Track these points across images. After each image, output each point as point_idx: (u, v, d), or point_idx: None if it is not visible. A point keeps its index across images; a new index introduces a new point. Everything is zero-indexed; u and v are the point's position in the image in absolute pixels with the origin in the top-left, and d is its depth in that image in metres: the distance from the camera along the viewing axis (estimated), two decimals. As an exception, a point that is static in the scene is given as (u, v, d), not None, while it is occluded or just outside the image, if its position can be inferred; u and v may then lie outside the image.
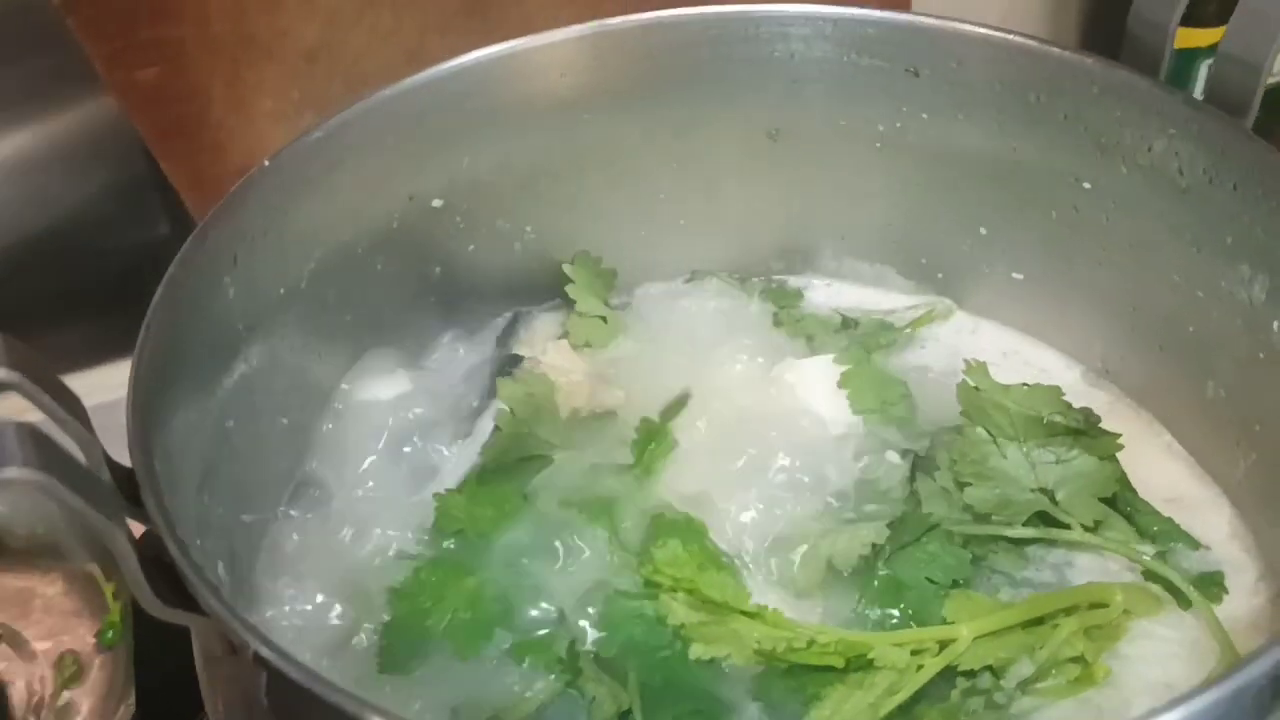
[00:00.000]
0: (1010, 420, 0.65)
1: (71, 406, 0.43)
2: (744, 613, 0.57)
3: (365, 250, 0.70)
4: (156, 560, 0.45)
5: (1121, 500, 0.67)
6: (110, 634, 0.84)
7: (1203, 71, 1.04)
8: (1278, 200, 0.59)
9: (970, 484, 0.65)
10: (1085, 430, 0.64)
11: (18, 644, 0.88)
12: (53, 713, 0.83)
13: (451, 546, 0.64)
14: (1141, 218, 0.68)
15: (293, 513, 0.69)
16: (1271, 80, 0.99)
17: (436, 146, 0.71)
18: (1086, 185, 0.69)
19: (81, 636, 0.87)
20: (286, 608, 0.63)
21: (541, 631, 0.61)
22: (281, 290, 0.65)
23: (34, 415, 0.42)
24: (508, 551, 0.63)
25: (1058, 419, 0.64)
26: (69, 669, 0.85)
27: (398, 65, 0.70)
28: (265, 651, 0.40)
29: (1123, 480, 0.66)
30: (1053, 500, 0.64)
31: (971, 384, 0.65)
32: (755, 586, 0.64)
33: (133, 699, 0.80)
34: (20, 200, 1.23)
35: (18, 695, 0.84)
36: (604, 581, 0.62)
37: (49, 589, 0.90)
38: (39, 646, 0.87)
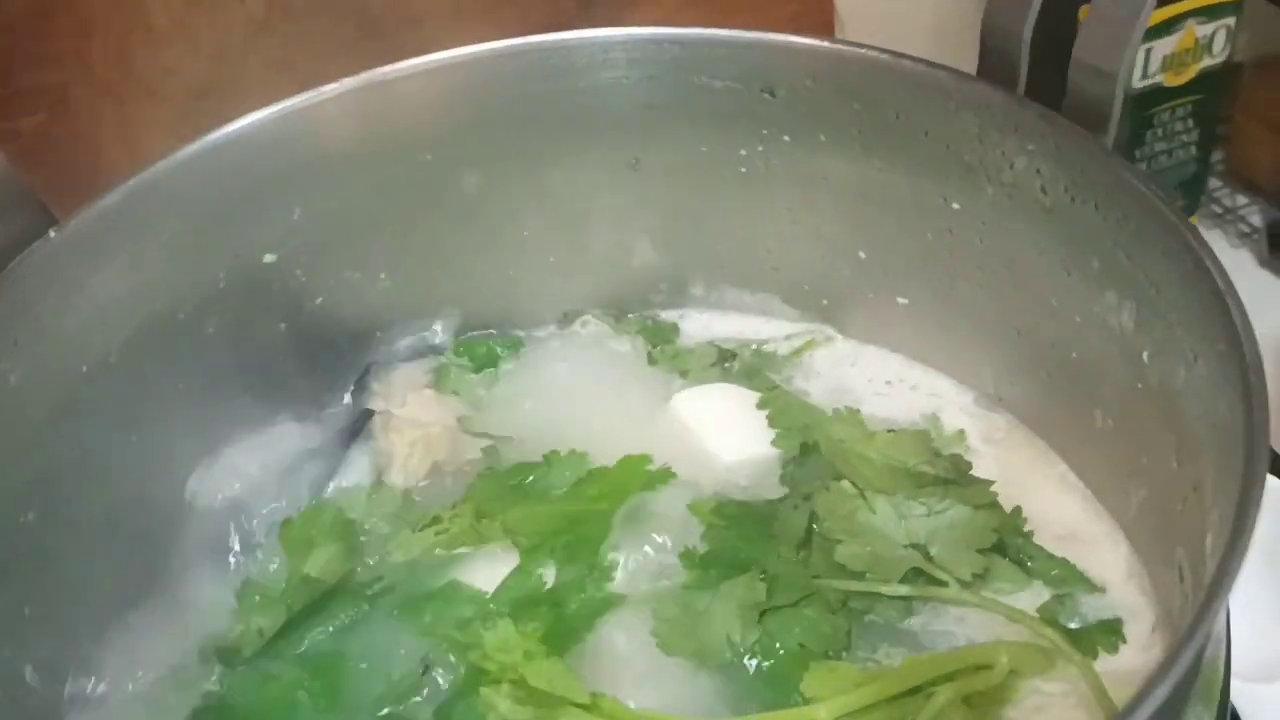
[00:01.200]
0: (876, 472, 0.60)
1: None
2: (576, 704, 0.52)
3: (189, 315, 0.65)
4: None
5: (1011, 547, 0.62)
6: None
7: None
8: (1138, 223, 0.54)
9: (841, 540, 0.61)
10: (956, 479, 0.59)
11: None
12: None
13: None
14: (1012, 239, 0.63)
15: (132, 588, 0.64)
16: (1214, 61, 0.97)
17: (258, 200, 0.66)
18: (955, 206, 0.65)
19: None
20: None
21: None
22: (84, 369, 0.60)
23: None
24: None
25: (925, 469, 0.59)
26: None
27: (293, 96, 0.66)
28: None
29: (1007, 525, 0.62)
30: (927, 556, 0.59)
31: (836, 437, 0.61)
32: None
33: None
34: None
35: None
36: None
37: None
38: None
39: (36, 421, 0.58)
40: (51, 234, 0.58)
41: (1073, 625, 0.60)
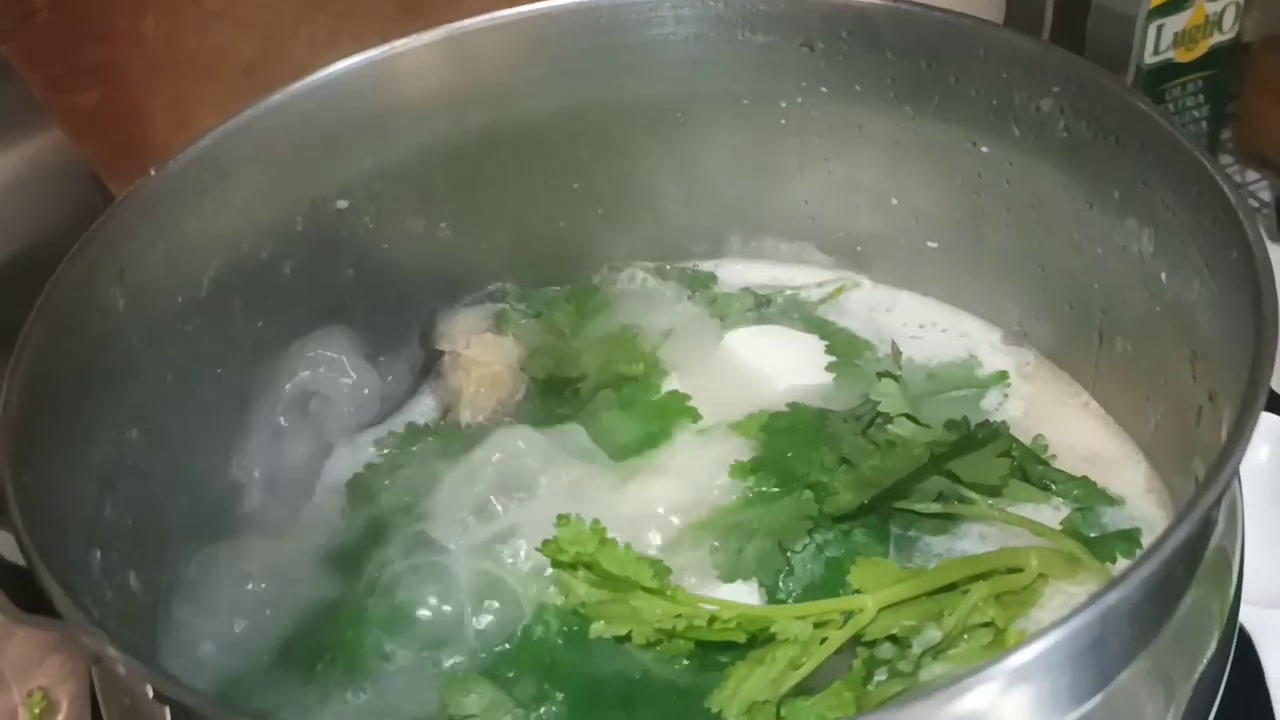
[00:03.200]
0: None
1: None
2: (645, 589, 0.57)
3: (270, 256, 0.70)
4: (17, 569, 0.45)
5: (1033, 473, 0.66)
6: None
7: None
8: (1156, 152, 0.58)
9: (880, 458, 0.65)
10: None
11: (-8, 676, 0.88)
12: (24, 748, 0.84)
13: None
14: (1037, 178, 0.68)
15: (213, 517, 0.69)
16: (1224, 38, 1.01)
17: (335, 149, 0.71)
18: (984, 149, 0.69)
19: (52, 671, 0.88)
20: (193, 633, 0.63)
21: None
22: (180, 300, 0.65)
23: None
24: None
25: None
26: (38, 705, 0.85)
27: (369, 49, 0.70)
28: (113, 652, 0.40)
29: (1027, 453, 0.66)
30: (956, 479, 0.64)
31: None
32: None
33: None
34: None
35: (-8, 729, 0.85)
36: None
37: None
38: (14, 680, 0.88)
39: (139, 345, 0.62)
40: (152, 171, 0.62)
41: (1093, 535, 0.65)
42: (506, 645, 0.61)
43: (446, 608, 0.62)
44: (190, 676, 0.57)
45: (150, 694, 0.41)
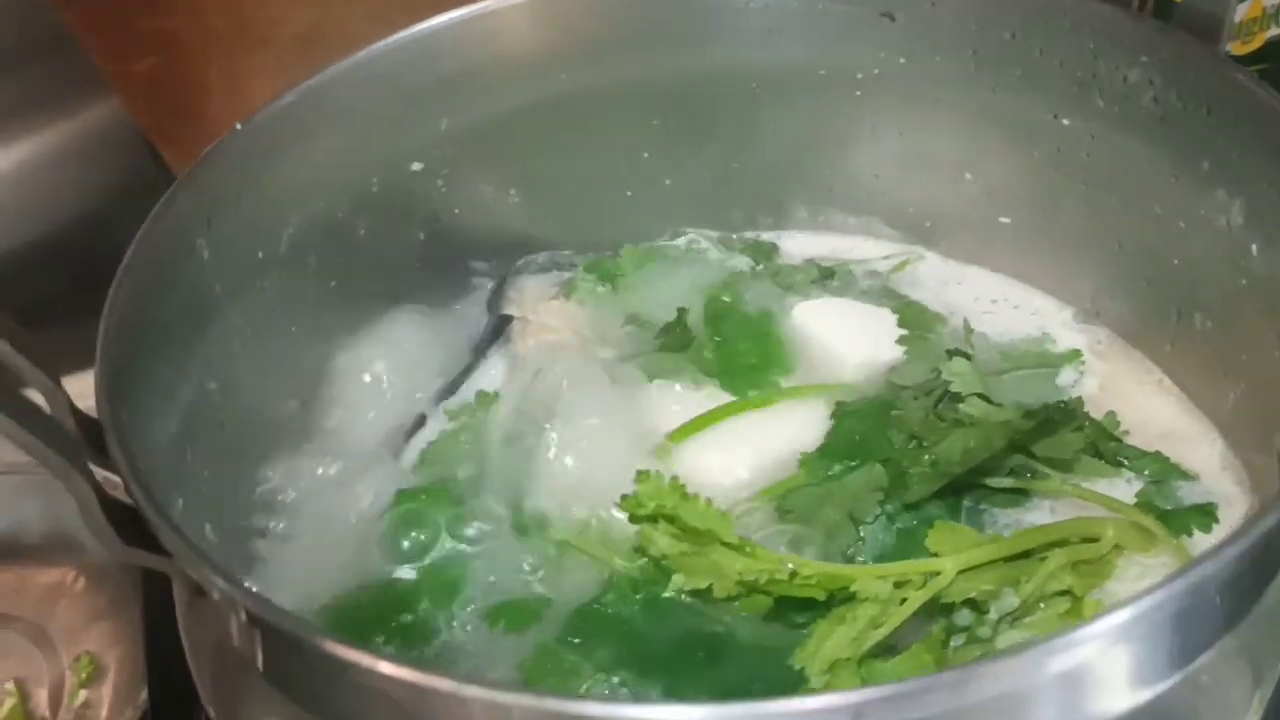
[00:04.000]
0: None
1: (30, 352, 0.44)
2: (726, 544, 0.56)
3: (346, 215, 0.71)
4: (122, 506, 0.45)
5: (1106, 450, 0.66)
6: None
7: None
8: (1249, 122, 0.58)
9: (952, 434, 0.65)
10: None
11: (42, 641, 0.89)
12: (70, 711, 0.84)
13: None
14: (1120, 151, 0.67)
15: (283, 473, 0.69)
16: None
17: (411, 110, 0.71)
18: (1065, 121, 0.69)
19: (100, 636, 0.88)
20: (276, 563, 0.63)
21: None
22: (260, 254, 0.65)
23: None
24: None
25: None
26: (85, 669, 0.86)
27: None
28: (223, 585, 0.41)
29: (1100, 430, 0.66)
30: (1030, 454, 0.64)
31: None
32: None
33: (145, 694, 0.81)
34: (27, 204, 1.24)
35: (40, 693, 0.85)
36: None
37: (75, 586, 0.91)
38: (61, 644, 0.88)
39: (221, 297, 0.63)
40: (238, 126, 0.63)
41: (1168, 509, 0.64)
42: (581, 611, 0.61)
43: (520, 576, 0.63)
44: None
45: (245, 618, 0.41)
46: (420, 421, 0.73)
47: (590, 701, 0.37)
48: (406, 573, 0.64)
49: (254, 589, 0.53)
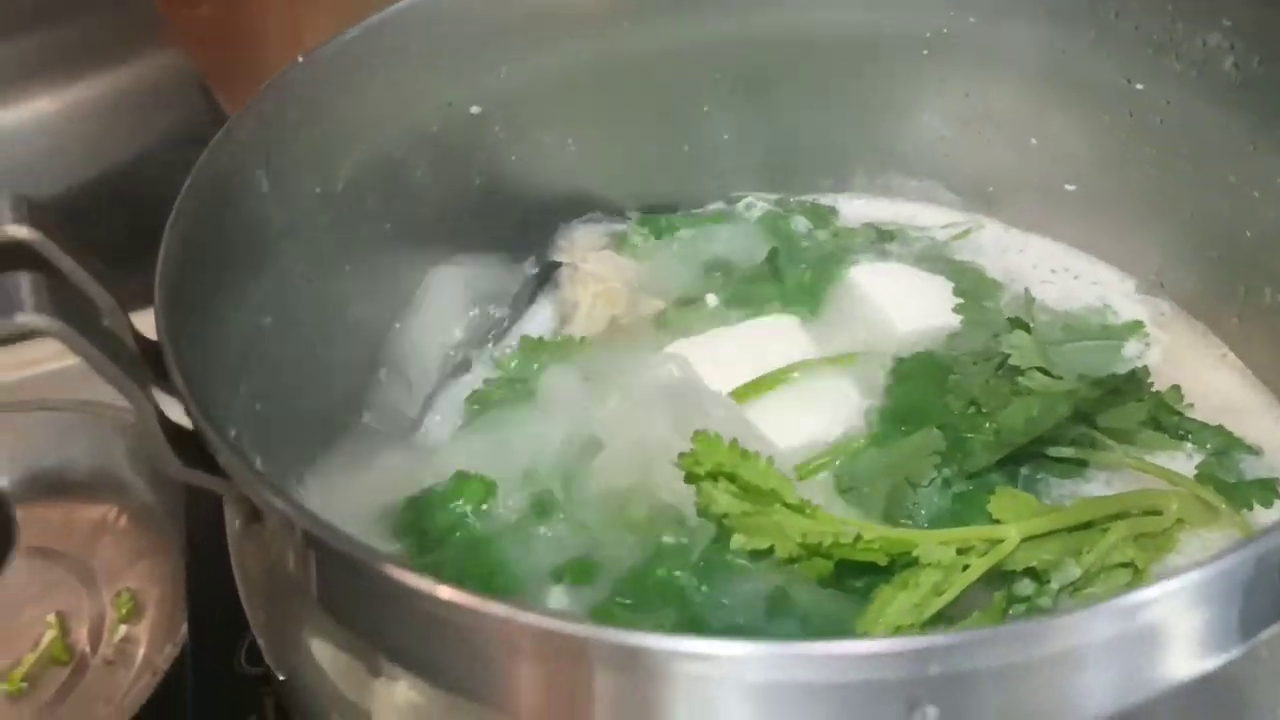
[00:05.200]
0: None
1: (95, 271, 0.43)
2: (788, 505, 0.55)
3: (404, 156, 0.70)
4: (181, 429, 0.45)
5: (1168, 424, 0.65)
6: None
7: None
8: (1337, 86, 0.56)
9: (1011, 402, 0.64)
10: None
11: (85, 577, 0.89)
12: (110, 646, 0.84)
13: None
14: (1196, 117, 0.66)
15: (334, 412, 0.69)
16: None
17: (474, 53, 0.70)
18: (1139, 86, 0.68)
19: (141, 574, 0.89)
20: (319, 503, 0.63)
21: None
22: (318, 190, 0.65)
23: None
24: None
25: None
26: (125, 605, 0.86)
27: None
28: (281, 505, 0.40)
29: (1161, 403, 0.65)
30: (1092, 425, 0.62)
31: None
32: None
33: (185, 630, 0.81)
34: (87, 147, 1.25)
35: (81, 627, 0.85)
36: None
37: (118, 524, 0.92)
38: (103, 580, 0.89)
39: (278, 232, 0.62)
40: (300, 59, 0.62)
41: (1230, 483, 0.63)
42: (632, 576, 0.60)
43: (574, 537, 0.62)
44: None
45: (301, 541, 0.41)
46: (466, 365, 0.73)
47: (654, 635, 0.36)
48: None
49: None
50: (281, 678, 0.53)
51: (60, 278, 0.42)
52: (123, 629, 0.86)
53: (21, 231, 0.41)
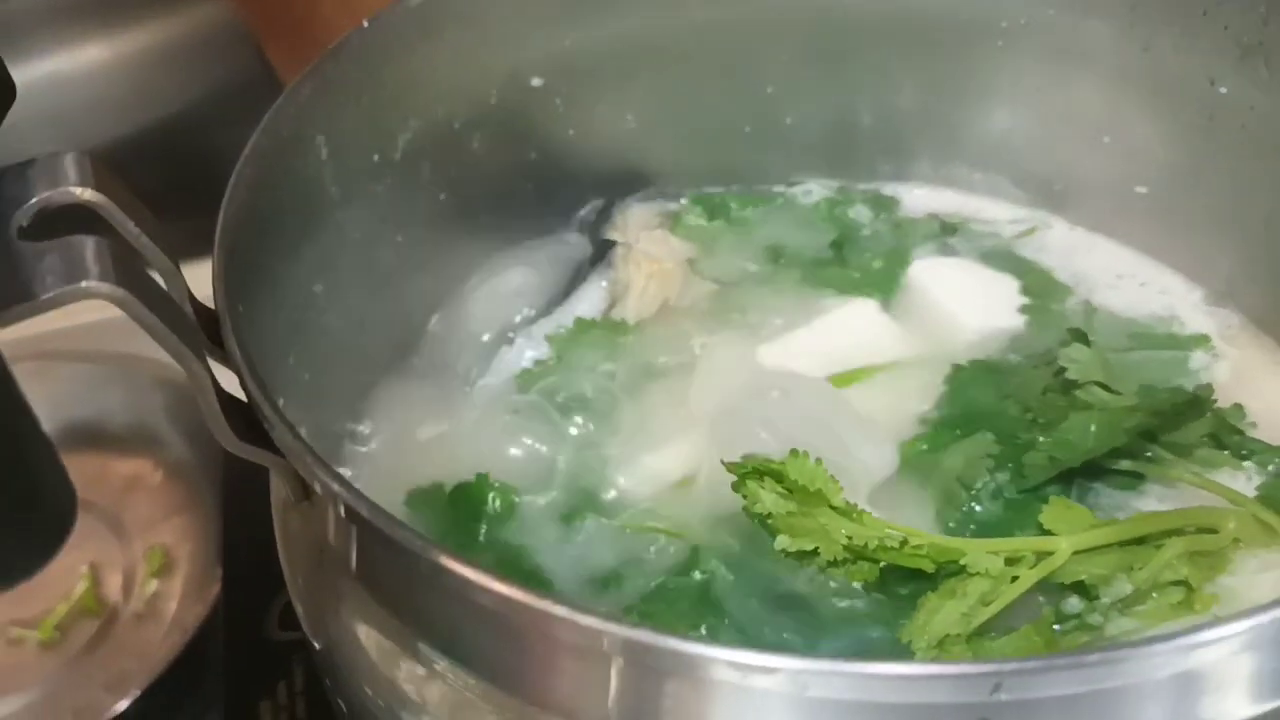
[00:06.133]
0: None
1: (157, 236, 0.42)
2: (834, 507, 0.54)
3: (462, 126, 0.69)
4: (235, 401, 0.44)
5: (1231, 444, 0.63)
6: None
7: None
8: None
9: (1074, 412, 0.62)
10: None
11: (118, 529, 0.90)
12: (142, 600, 0.84)
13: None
14: (1278, 125, 0.63)
15: (379, 386, 0.68)
16: None
17: (538, 23, 0.69)
18: (1222, 90, 0.65)
19: (174, 530, 0.89)
20: (360, 477, 0.63)
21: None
22: (376, 158, 0.64)
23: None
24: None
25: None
26: (157, 560, 0.87)
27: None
28: (335, 486, 0.40)
29: (1222, 423, 0.63)
30: (1152, 438, 0.61)
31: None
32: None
33: (219, 587, 0.81)
34: (133, 98, 1.25)
35: (113, 579, 0.86)
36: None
37: (152, 478, 0.92)
38: (136, 534, 0.89)
39: (334, 198, 0.62)
40: (365, 24, 0.61)
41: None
42: (669, 579, 0.59)
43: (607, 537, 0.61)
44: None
45: (350, 518, 0.40)
46: (513, 343, 0.72)
47: (704, 643, 0.35)
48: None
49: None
50: (318, 646, 0.53)
51: (122, 243, 0.41)
52: (154, 584, 0.86)
53: (87, 194, 0.40)
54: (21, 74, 0.44)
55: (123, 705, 0.77)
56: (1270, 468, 0.63)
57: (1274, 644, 0.39)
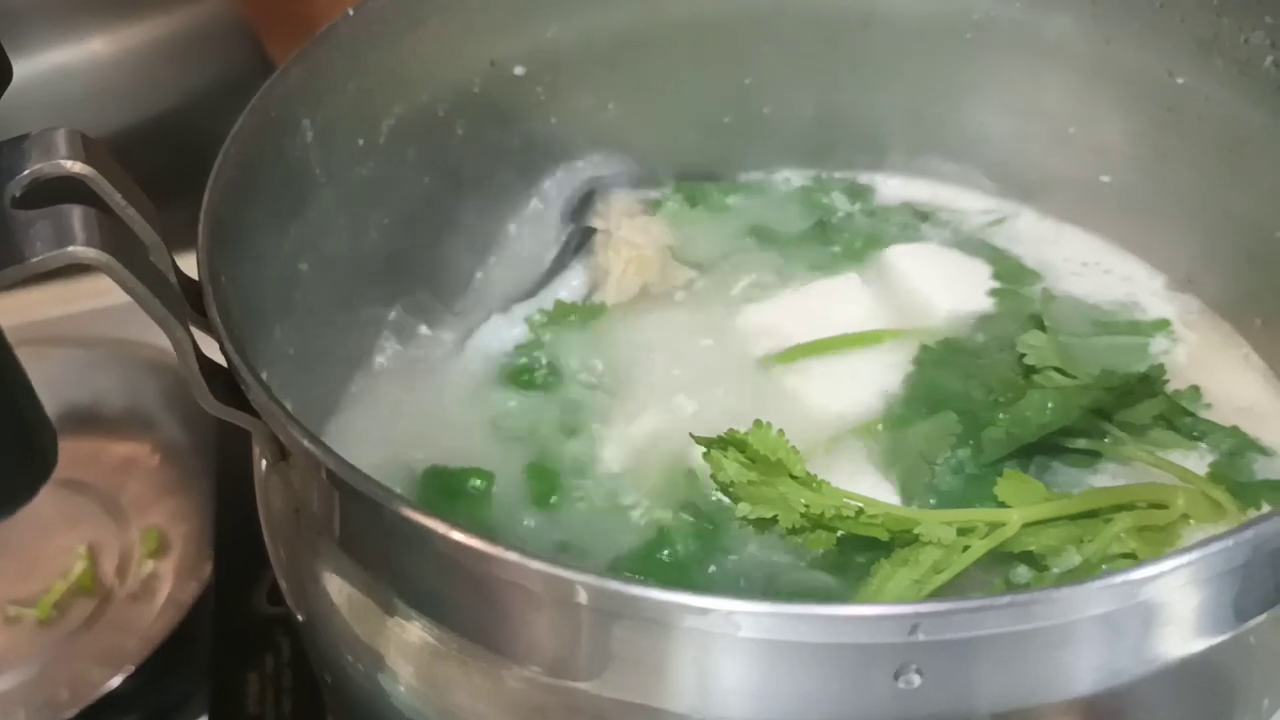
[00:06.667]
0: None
1: (144, 208, 0.45)
2: (794, 476, 0.57)
3: (446, 112, 0.71)
4: (215, 365, 0.46)
5: (1182, 425, 0.65)
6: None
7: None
8: (1379, 94, 0.56)
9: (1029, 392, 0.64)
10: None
11: (114, 511, 0.92)
12: (138, 580, 0.86)
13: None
14: (1236, 116, 0.66)
15: (360, 366, 0.70)
16: None
17: (521, 13, 0.71)
18: (1180, 80, 0.67)
19: (168, 512, 0.91)
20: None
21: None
22: (360, 142, 0.66)
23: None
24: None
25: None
26: (152, 542, 0.89)
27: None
28: (305, 442, 0.42)
29: (1174, 406, 0.65)
30: (1106, 418, 0.63)
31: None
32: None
33: (211, 568, 0.83)
34: (132, 89, 1.27)
35: (109, 560, 0.88)
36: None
37: (148, 461, 0.94)
38: (132, 515, 0.91)
39: (320, 180, 0.64)
40: (350, 11, 0.63)
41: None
42: (635, 554, 0.61)
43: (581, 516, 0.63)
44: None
45: (324, 477, 0.42)
46: (491, 324, 0.73)
47: (663, 590, 0.37)
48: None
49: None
50: (300, 618, 0.55)
51: (110, 214, 0.43)
52: (149, 564, 0.88)
53: (76, 167, 0.42)
54: (25, 66, 0.46)
55: (116, 681, 0.79)
56: (1223, 448, 0.65)
57: (1187, 588, 0.41)
